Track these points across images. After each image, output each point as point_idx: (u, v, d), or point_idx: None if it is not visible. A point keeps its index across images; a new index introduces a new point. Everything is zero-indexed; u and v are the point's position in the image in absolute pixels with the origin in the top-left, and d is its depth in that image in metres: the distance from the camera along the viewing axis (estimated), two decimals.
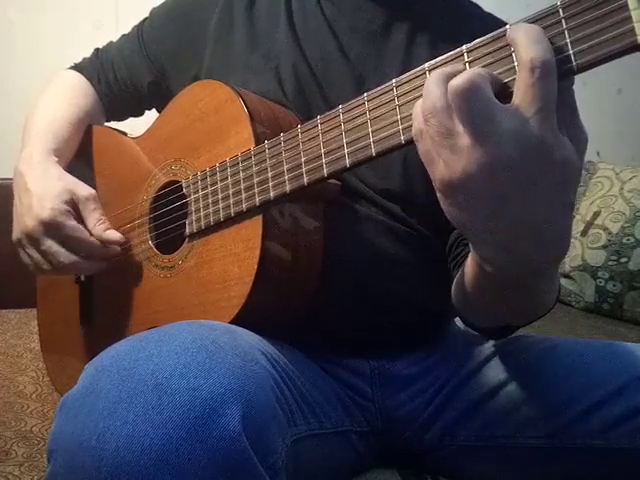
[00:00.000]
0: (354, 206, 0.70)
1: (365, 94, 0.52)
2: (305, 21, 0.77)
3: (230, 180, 0.65)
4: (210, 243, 0.68)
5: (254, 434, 0.44)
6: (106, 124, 0.94)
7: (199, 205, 0.69)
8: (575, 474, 0.65)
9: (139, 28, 0.90)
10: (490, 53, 0.43)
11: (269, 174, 0.61)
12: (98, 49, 0.96)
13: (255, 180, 0.63)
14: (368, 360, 0.73)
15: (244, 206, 0.63)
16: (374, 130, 0.51)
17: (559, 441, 0.65)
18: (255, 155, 0.63)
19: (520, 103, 0.41)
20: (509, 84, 0.43)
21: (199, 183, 0.69)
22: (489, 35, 0.44)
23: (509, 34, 0.42)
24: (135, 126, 0.89)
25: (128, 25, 0.93)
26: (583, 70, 0.41)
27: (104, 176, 0.84)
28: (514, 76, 0.42)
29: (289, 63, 0.74)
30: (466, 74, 0.41)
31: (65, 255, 0.74)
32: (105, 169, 0.86)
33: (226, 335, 0.51)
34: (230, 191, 0.65)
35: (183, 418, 0.42)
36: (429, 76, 0.44)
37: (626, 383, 0.64)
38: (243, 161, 0.64)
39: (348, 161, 0.54)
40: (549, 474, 0.67)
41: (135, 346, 0.48)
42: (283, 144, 0.60)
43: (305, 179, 0.58)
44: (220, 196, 0.66)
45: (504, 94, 0.42)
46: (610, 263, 1.76)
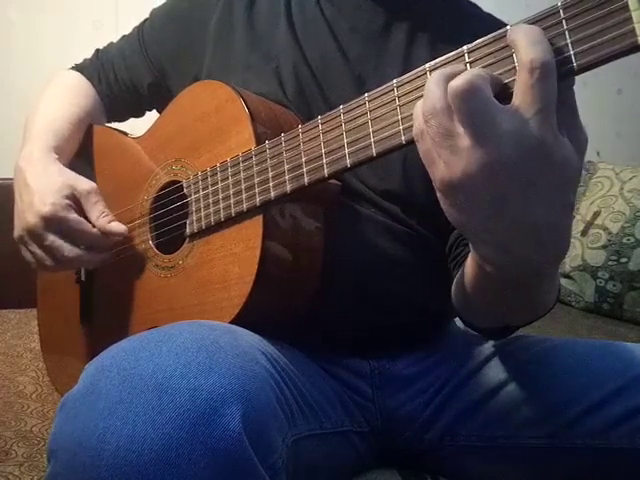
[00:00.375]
0: (354, 207, 0.70)
1: (366, 94, 0.52)
2: (305, 22, 0.77)
3: (231, 180, 0.65)
4: (211, 243, 0.68)
5: (254, 434, 0.44)
6: (107, 124, 0.94)
7: (200, 205, 0.69)
8: (575, 474, 0.65)
9: (139, 29, 0.90)
10: (491, 53, 0.43)
11: (270, 174, 0.61)
12: (99, 50, 0.96)
13: (256, 180, 0.63)
14: (368, 360, 0.73)
15: (245, 206, 0.63)
16: (375, 130, 0.51)
17: (559, 441, 0.65)
18: (256, 155, 0.63)
19: (520, 104, 0.41)
20: (510, 85, 0.43)
21: (200, 183, 0.69)
22: (490, 35, 0.44)
23: (509, 35, 0.42)
24: (136, 126, 0.89)
25: (128, 25, 0.93)
26: (584, 71, 0.41)
27: (105, 176, 0.84)
28: (515, 77, 0.42)
29: (289, 64, 0.74)
30: (465, 75, 0.41)
31: (69, 249, 0.74)
32: (106, 169, 0.86)
33: (226, 335, 0.51)
34: (231, 191, 0.65)
35: (183, 418, 0.42)
36: (430, 76, 0.44)
37: (626, 383, 0.64)
38: (244, 161, 0.64)
39: (349, 161, 0.54)
40: (549, 474, 0.67)
41: (135, 346, 0.48)
42: (284, 144, 0.60)
43: (306, 179, 0.58)
44: (221, 196, 0.66)
45: (505, 95, 0.42)
46: (610, 263, 1.76)
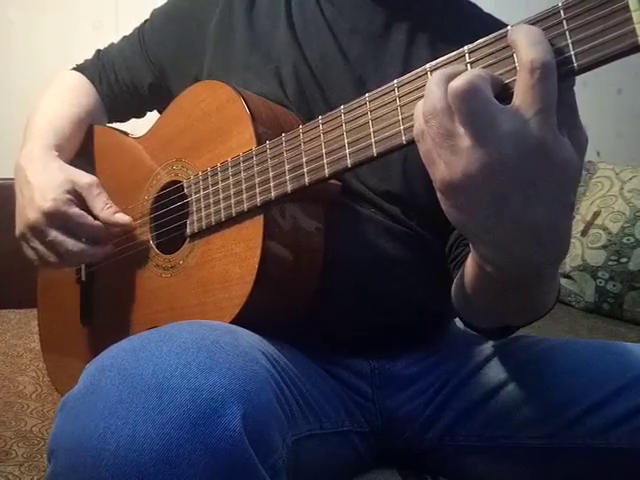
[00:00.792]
0: (354, 207, 0.70)
1: (367, 94, 0.52)
2: (305, 22, 0.77)
3: (231, 180, 0.65)
4: (211, 243, 0.68)
5: (255, 434, 0.44)
6: (108, 124, 0.94)
7: (200, 205, 0.69)
8: (575, 474, 0.65)
9: (140, 30, 0.90)
10: (492, 54, 0.43)
11: (270, 174, 0.61)
12: (99, 50, 0.96)
13: (256, 180, 0.63)
14: (368, 360, 0.73)
15: (245, 206, 0.63)
16: (375, 130, 0.51)
17: (559, 441, 0.65)
18: (256, 155, 0.63)
19: (520, 104, 0.41)
20: (510, 85, 0.43)
21: (200, 183, 0.69)
22: (491, 35, 0.44)
23: (510, 35, 0.42)
24: (137, 126, 0.89)
25: (128, 25, 0.93)
26: (584, 71, 0.41)
27: (105, 176, 0.84)
28: (515, 77, 0.42)
29: (289, 64, 0.74)
30: (466, 75, 0.41)
31: (72, 243, 0.73)
32: (106, 169, 0.86)
33: (227, 335, 0.51)
34: (231, 191, 0.65)
35: (184, 418, 0.42)
36: (430, 77, 0.44)
37: (626, 383, 0.64)
38: (244, 161, 0.64)
39: (349, 161, 0.54)
40: (549, 474, 0.67)
41: (136, 346, 0.48)
42: (284, 144, 0.60)
43: (306, 179, 0.58)
44: (221, 196, 0.66)
45: (505, 95, 0.42)
46: (610, 263, 1.76)
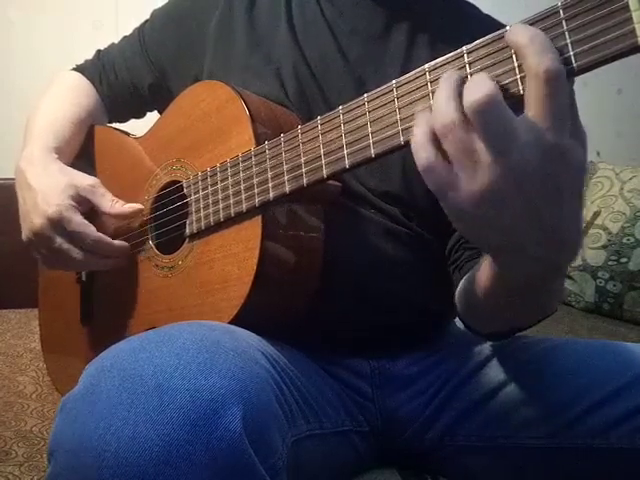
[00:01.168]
0: (354, 208, 0.70)
1: (365, 95, 0.52)
2: (305, 23, 0.77)
3: (230, 180, 0.65)
4: (210, 243, 0.68)
5: (255, 434, 0.44)
6: (108, 124, 0.94)
7: (199, 205, 0.69)
8: (575, 474, 0.65)
9: (140, 30, 0.90)
10: (490, 54, 0.43)
11: (269, 174, 0.61)
12: (100, 50, 0.96)
13: (255, 180, 0.63)
14: (368, 360, 0.73)
15: (244, 206, 0.63)
16: (374, 131, 0.51)
17: (559, 441, 0.65)
18: (255, 155, 0.63)
19: (536, 114, 0.41)
20: (508, 86, 0.43)
21: (199, 183, 0.69)
22: (489, 36, 0.44)
23: (509, 36, 0.42)
24: (137, 126, 0.89)
25: (128, 25, 0.93)
26: (584, 71, 0.41)
27: (106, 176, 0.84)
28: (514, 77, 0.42)
29: (289, 65, 0.74)
30: (482, 88, 0.40)
31: (76, 252, 0.74)
32: (107, 169, 0.86)
33: (226, 335, 0.51)
34: (230, 191, 0.65)
35: (184, 418, 0.42)
36: (437, 93, 0.43)
37: (626, 383, 0.64)
38: (243, 161, 0.64)
39: (348, 162, 0.54)
40: (549, 474, 0.67)
41: (136, 347, 0.48)
42: (283, 144, 0.60)
43: (305, 180, 0.58)
44: (220, 196, 0.66)
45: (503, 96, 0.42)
46: (610, 263, 1.76)
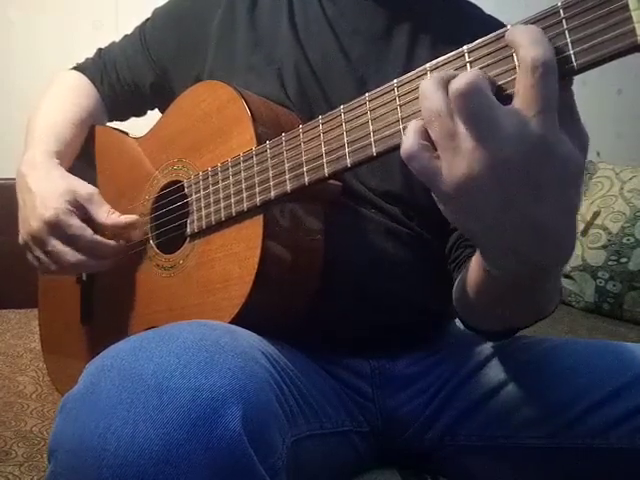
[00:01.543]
0: (355, 207, 0.70)
1: (367, 94, 0.52)
2: (307, 22, 0.77)
3: (231, 180, 0.65)
4: (211, 243, 0.68)
5: (254, 434, 0.44)
6: (108, 124, 0.94)
7: (200, 205, 0.69)
8: (575, 474, 0.65)
9: (141, 29, 0.90)
10: (491, 53, 0.43)
11: (270, 174, 0.61)
12: (101, 49, 0.96)
13: (256, 180, 0.63)
14: (368, 360, 0.73)
15: (245, 206, 0.63)
16: (375, 130, 0.51)
17: (559, 441, 0.64)
18: (256, 155, 0.63)
19: (521, 103, 0.41)
20: (506, 86, 0.43)
21: (200, 183, 0.69)
22: (490, 35, 0.44)
23: (508, 35, 0.42)
24: (137, 126, 0.89)
25: (128, 25, 0.93)
26: (583, 70, 0.41)
27: (106, 176, 0.84)
28: (514, 76, 0.42)
29: (291, 64, 0.74)
30: (467, 76, 0.41)
31: (71, 254, 0.74)
32: (107, 169, 0.86)
33: (226, 335, 0.51)
34: (231, 190, 0.65)
35: (184, 418, 0.42)
36: (423, 82, 0.44)
37: (626, 383, 0.64)
38: (244, 161, 0.64)
39: (349, 161, 0.54)
40: (549, 474, 0.67)
41: (136, 346, 0.48)
42: (284, 144, 0.60)
43: (306, 179, 0.58)
44: (221, 195, 0.66)
45: (500, 96, 0.42)
46: (610, 263, 1.76)
